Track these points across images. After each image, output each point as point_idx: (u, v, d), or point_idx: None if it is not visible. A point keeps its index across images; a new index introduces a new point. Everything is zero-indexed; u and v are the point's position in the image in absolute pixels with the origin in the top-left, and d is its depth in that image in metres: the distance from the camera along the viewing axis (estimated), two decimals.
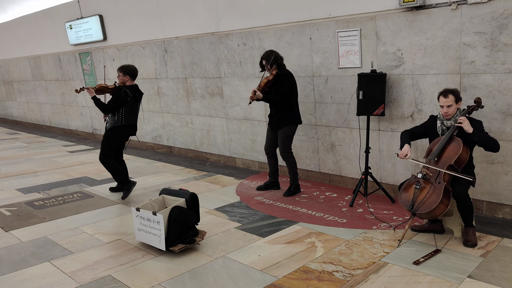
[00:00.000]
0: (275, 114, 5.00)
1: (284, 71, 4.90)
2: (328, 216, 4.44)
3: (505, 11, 3.80)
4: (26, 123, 13.51)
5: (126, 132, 5.31)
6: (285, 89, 4.82)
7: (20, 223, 4.58)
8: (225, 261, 3.50)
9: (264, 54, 4.90)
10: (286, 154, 5.08)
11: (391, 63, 4.66)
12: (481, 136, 3.51)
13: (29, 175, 6.75)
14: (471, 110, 3.73)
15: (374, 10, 4.64)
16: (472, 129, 3.50)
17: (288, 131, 4.99)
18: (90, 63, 9.43)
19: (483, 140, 3.51)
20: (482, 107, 3.80)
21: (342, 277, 3.16)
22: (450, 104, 3.60)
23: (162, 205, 3.97)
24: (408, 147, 3.78)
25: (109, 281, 3.24)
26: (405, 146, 3.80)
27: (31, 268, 3.51)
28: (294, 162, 5.15)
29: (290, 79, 4.88)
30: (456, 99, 3.61)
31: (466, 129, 3.51)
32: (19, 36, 11.84)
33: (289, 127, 4.98)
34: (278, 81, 4.84)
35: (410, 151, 3.77)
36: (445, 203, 3.46)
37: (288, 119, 4.94)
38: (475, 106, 3.75)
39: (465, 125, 3.52)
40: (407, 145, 3.80)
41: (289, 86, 4.86)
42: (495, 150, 3.54)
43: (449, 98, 3.59)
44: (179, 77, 7.37)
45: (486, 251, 3.47)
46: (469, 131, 3.50)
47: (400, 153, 3.77)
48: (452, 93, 3.60)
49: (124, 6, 7.95)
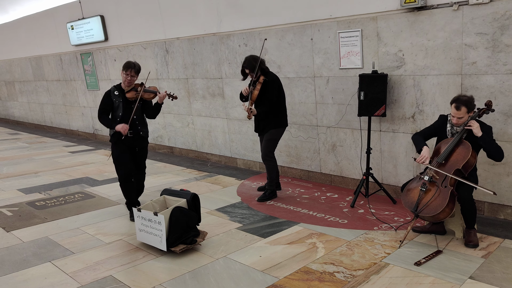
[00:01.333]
0: (263, 119, 4.88)
1: (271, 76, 4.77)
2: (329, 216, 4.44)
3: (506, 12, 3.79)
4: (27, 124, 13.53)
5: None
6: (274, 95, 4.73)
7: (21, 223, 4.58)
8: (226, 262, 3.50)
9: (246, 62, 4.71)
10: (267, 157, 4.97)
11: (392, 64, 4.66)
12: (488, 142, 3.47)
13: (31, 176, 6.76)
14: (481, 113, 3.65)
15: (376, 11, 4.63)
16: (481, 133, 3.46)
17: (274, 134, 4.91)
18: (91, 63, 9.44)
19: (490, 145, 3.47)
20: (493, 110, 3.69)
21: (343, 278, 3.16)
22: (461, 116, 3.53)
23: (163, 206, 3.97)
24: (427, 150, 3.66)
25: (110, 281, 3.24)
26: (425, 149, 3.67)
27: (32, 268, 3.51)
28: (273, 167, 5.02)
29: (278, 84, 4.80)
30: (468, 110, 3.52)
31: (475, 131, 3.47)
32: (20, 37, 11.86)
33: (276, 129, 4.89)
34: (267, 88, 4.71)
35: (429, 156, 3.65)
36: (450, 207, 3.44)
37: (275, 122, 4.86)
38: (486, 109, 3.66)
39: (475, 127, 3.47)
40: (426, 148, 3.67)
41: (278, 91, 4.78)
42: (499, 159, 3.50)
43: (461, 111, 3.50)
44: (180, 78, 7.38)
45: (487, 252, 3.47)
46: (478, 134, 3.46)
47: (419, 157, 3.66)
48: (465, 105, 3.49)
49: (126, 6, 7.96)
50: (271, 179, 5.06)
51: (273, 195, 5.11)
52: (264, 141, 4.94)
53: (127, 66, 4.40)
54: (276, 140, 4.96)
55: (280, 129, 4.93)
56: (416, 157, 3.73)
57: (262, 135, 5.04)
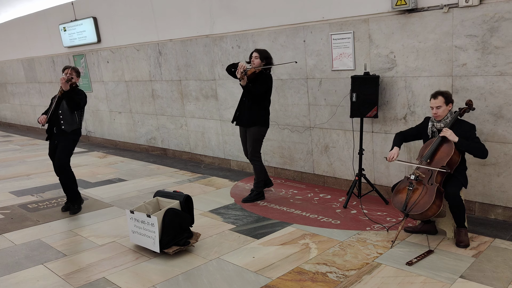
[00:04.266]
0: (247, 109, 4.85)
1: (269, 73, 4.87)
2: (322, 217, 4.46)
3: (496, 14, 3.85)
4: (19, 126, 13.44)
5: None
6: (263, 88, 4.75)
7: (13, 226, 4.56)
8: (219, 263, 3.50)
9: (259, 49, 4.84)
10: (254, 157, 4.99)
11: (384, 66, 4.70)
12: (466, 145, 3.54)
13: (23, 178, 6.72)
14: (462, 112, 3.76)
15: (367, 13, 4.67)
16: (457, 138, 3.53)
17: (257, 134, 4.91)
18: (84, 65, 9.41)
19: (468, 148, 3.55)
20: (474, 109, 3.84)
21: (335, 278, 3.18)
22: (439, 105, 3.63)
23: (157, 207, 3.97)
24: (396, 149, 3.85)
25: (103, 283, 3.24)
26: (394, 149, 3.87)
27: (24, 271, 3.49)
28: (261, 167, 5.04)
29: (271, 83, 4.85)
30: (446, 100, 3.64)
31: (451, 139, 3.55)
32: (12, 38, 11.79)
33: (258, 128, 4.89)
34: (259, 79, 4.76)
35: (398, 153, 3.83)
36: (437, 204, 3.49)
37: (259, 119, 4.86)
38: (467, 108, 3.78)
39: (449, 135, 3.55)
40: (395, 148, 3.87)
41: (267, 88, 4.81)
42: (483, 157, 3.57)
43: (438, 99, 3.63)
44: (173, 79, 7.38)
45: (478, 251, 3.51)
46: (454, 140, 3.54)
47: (388, 156, 3.84)
48: (441, 95, 3.64)
49: (118, 8, 7.95)
50: (259, 180, 5.07)
51: (260, 196, 5.10)
52: (250, 142, 4.95)
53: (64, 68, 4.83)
54: (261, 140, 4.99)
55: (263, 128, 4.94)
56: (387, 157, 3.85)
57: (243, 126, 4.99)
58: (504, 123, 4.00)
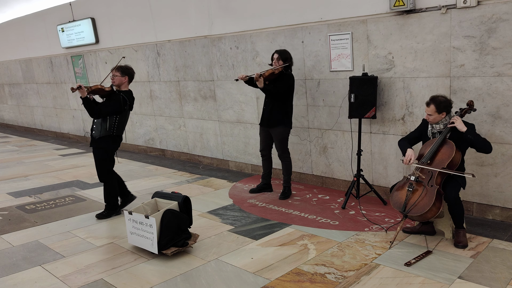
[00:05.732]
0: (270, 110, 4.99)
1: (290, 73, 4.97)
2: (321, 218, 4.46)
3: (493, 15, 3.85)
4: (17, 126, 13.41)
5: (118, 143, 4.72)
6: (284, 87, 4.86)
7: (11, 227, 4.54)
8: (217, 264, 3.50)
9: (280, 50, 4.93)
10: (284, 154, 5.14)
11: (382, 66, 4.70)
12: (475, 135, 3.52)
13: (20, 179, 6.70)
14: (463, 112, 3.74)
15: (365, 14, 4.68)
16: (465, 128, 3.51)
17: (283, 133, 5.03)
18: (82, 66, 9.39)
19: (477, 139, 3.52)
20: (475, 110, 3.81)
21: (334, 279, 3.18)
22: (430, 113, 3.63)
23: (155, 208, 3.96)
24: (411, 151, 3.76)
25: (101, 285, 3.23)
26: (409, 150, 3.77)
27: (22, 272, 3.48)
28: (290, 164, 5.20)
29: (292, 81, 4.94)
30: (437, 110, 3.60)
31: (459, 127, 3.51)
32: (10, 39, 11.77)
33: (283, 129, 5.00)
34: (281, 79, 4.88)
35: (414, 154, 3.75)
36: (437, 206, 3.48)
37: (283, 119, 4.97)
38: (468, 109, 3.76)
39: (458, 123, 3.52)
40: (410, 150, 3.78)
41: (289, 87, 4.91)
42: (488, 151, 3.55)
43: (430, 108, 3.62)
44: (171, 80, 7.37)
45: (476, 252, 3.51)
46: (463, 129, 3.51)
47: (405, 158, 3.75)
48: (434, 103, 3.60)
49: (117, 9, 7.94)
50: (289, 176, 5.24)
51: (290, 191, 5.30)
52: (277, 142, 5.09)
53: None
54: (286, 138, 5.11)
55: (288, 128, 5.08)
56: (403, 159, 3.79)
57: (266, 126, 5.10)
58: (502, 124, 4.01)
